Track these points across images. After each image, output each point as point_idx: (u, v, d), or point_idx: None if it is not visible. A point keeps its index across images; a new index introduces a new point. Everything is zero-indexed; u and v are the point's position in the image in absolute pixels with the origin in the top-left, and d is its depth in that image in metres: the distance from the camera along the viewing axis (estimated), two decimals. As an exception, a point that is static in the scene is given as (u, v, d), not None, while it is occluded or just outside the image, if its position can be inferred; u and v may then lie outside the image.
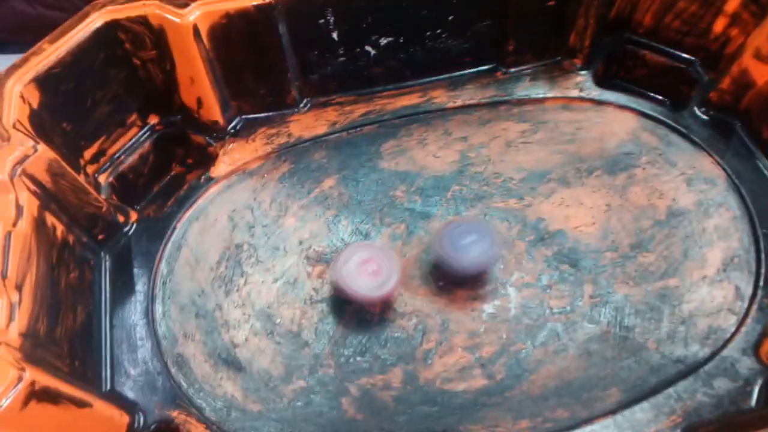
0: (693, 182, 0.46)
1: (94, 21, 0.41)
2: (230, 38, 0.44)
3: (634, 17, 0.50)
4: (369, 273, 0.39)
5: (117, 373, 0.37)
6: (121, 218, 0.43)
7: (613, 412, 0.37)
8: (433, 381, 0.39)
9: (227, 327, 0.41)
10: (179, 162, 0.48)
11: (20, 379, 0.28)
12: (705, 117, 0.48)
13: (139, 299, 0.41)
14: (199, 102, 0.46)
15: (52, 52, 0.40)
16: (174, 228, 0.44)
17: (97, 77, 0.43)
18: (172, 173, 0.48)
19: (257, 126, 0.49)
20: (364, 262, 0.40)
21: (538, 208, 0.46)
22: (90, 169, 0.44)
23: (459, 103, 0.51)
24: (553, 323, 0.41)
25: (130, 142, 0.46)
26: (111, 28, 0.42)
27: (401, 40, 0.48)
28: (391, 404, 0.38)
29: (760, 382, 0.37)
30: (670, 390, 0.37)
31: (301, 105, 0.50)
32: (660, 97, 0.50)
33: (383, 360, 0.40)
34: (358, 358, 0.40)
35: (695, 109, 0.49)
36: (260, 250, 0.44)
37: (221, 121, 0.47)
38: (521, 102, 0.51)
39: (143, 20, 0.42)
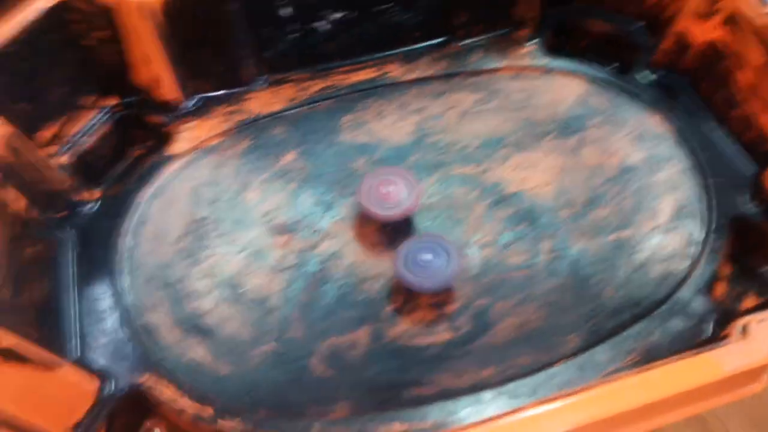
0: (642, 140, 0.48)
1: (44, 1, 0.41)
2: (183, 15, 0.45)
3: (579, -12, 0.52)
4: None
5: (86, 342, 0.37)
6: (83, 196, 0.43)
7: (573, 355, 0.38)
8: (400, 337, 0.40)
9: (194, 296, 0.41)
10: (139, 144, 0.48)
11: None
12: (650, 78, 0.50)
13: (104, 273, 0.41)
14: (156, 81, 0.47)
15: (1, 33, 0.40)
16: (136, 205, 0.44)
17: (50, 58, 0.43)
18: (134, 156, 0.48)
19: (215, 104, 0.49)
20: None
21: (495, 172, 0.48)
22: (50, 150, 0.44)
23: (414, 76, 0.52)
24: (513, 278, 0.42)
25: (90, 124, 0.46)
26: (61, 8, 0.42)
27: (353, 15, 0.49)
28: (359, 360, 0.39)
29: (712, 319, 0.38)
30: (628, 332, 0.39)
31: (258, 82, 0.50)
32: (606, 63, 0.52)
33: (350, 321, 0.41)
34: (326, 321, 0.41)
35: (640, 71, 0.51)
36: (223, 223, 0.45)
37: (179, 99, 0.48)
38: (474, 73, 0.52)
39: (93, 0, 0.42)
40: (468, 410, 0.36)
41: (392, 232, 0.45)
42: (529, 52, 0.53)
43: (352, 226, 0.45)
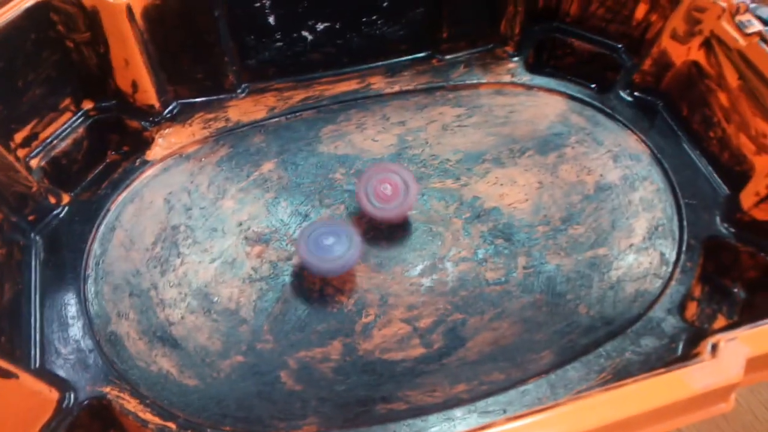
0: (619, 159, 0.48)
1: (26, 1, 0.41)
2: (165, 20, 0.44)
3: (562, 7, 0.53)
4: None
5: (47, 351, 0.36)
6: (52, 200, 0.43)
7: (546, 372, 0.37)
8: (372, 352, 0.39)
9: (163, 306, 0.40)
10: (115, 149, 0.47)
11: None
12: (629, 98, 0.50)
13: (70, 279, 0.40)
14: (134, 86, 0.46)
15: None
16: (107, 210, 0.43)
17: (28, 59, 0.42)
18: (107, 161, 0.47)
19: (194, 111, 0.49)
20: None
21: (474, 187, 0.48)
22: (21, 152, 0.43)
23: (396, 89, 0.52)
24: (488, 294, 0.42)
25: (64, 127, 0.45)
26: (43, 8, 0.42)
27: (338, 26, 0.49)
28: (330, 375, 0.38)
29: (684, 339, 0.38)
30: (600, 350, 0.38)
31: (239, 90, 0.50)
32: (587, 82, 0.52)
33: (322, 334, 0.40)
34: (297, 334, 0.40)
35: (620, 91, 0.51)
36: (197, 231, 0.44)
37: (157, 105, 0.47)
38: (456, 87, 0.52)
39: (76, 1, 0.42)
40: (438, 428, 0.35)
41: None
42: (511, 69, 0.53)
43: (328, 237, 0.45)
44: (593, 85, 0.52)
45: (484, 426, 0.26)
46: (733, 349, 0.28)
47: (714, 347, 0.28)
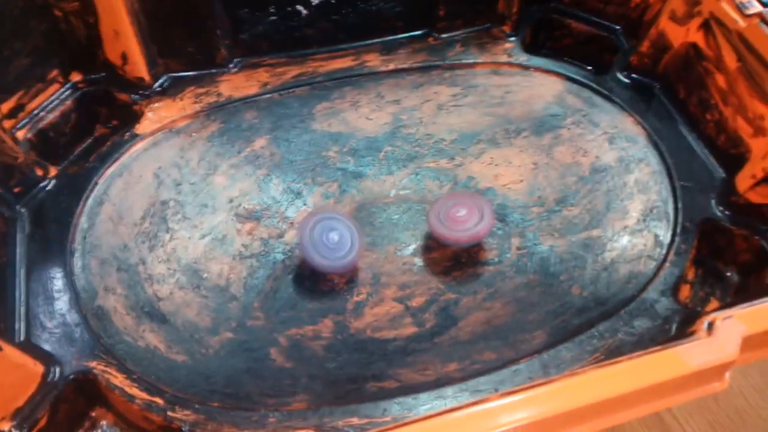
0: (615, 140, 0.47)
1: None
2: (156, -10, 0.43)
3: (559, -14, 0.52)
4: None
5: (32, 325, 0.35)
6: (39, 172, 0.42)
7: (538, 352, 0.37)
8: (364, 330, 0.39)
9: (151, 281, 0.39)
10: (103, 122, 0.46)
11: None
12: (626, 80, 0.50)
13: (56, 253, 0.39)
14: (124, 57, 0.45)
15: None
16: (95, 184, 0.42)
17: (15, 27, 0.41)
18: (96, 134, 0.46)
19: (185, 85, 0.48)
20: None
21: (468, 167, 0.47)
22: (7, 123, 0.42)
23: (392, 67, 0.51)
24: (482, 274, 0.42)
25: (51, 99, 0.44)
26: (29, -25, 0.41)
27: (333, 1, 0.48)
28: (321, 352, 0.38)
29: (677, 320, 0.38)
30: (593, 330, 0.38)
31: (231, 65, 0.49)
32: (584, 63, 0.52)
33: (313, 312, 0.40)
34: (288, 311, 0.40)
35: (617, 73, 0.50)
36: (187, 207, 0.43)
37: (147, 78, 0.46)
38: (452, 67, 0.52)
39: (63, -32, 0.41)
40: (429, 406, 0.35)
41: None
42: (508, 49, 0.52)
43: (321, 215, 0.44)
44: (590, 67, 0.51)
45: (476, 401, 0.26)
46: (730, 327, 0.27)
47: (710, 325, 0.28)
